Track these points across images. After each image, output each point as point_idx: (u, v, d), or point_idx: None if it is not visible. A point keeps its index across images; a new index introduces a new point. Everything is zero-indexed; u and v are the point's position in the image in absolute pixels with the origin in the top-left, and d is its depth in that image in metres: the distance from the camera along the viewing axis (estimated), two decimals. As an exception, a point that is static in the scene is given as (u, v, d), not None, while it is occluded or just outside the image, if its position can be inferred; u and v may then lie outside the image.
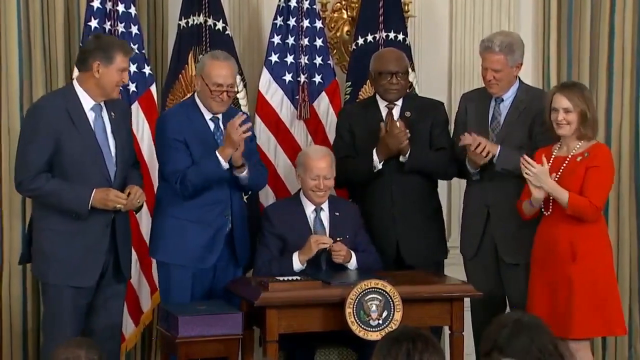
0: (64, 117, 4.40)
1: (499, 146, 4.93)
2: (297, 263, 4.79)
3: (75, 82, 4.53)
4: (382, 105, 5.20)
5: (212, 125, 4.85)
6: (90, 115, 4.47)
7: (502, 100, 5.08)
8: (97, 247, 4.46)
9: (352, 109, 5.41)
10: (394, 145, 5.00)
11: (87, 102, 4.47)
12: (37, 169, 4.39)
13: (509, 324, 3.01)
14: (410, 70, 5.39)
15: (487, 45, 5.00)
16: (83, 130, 4.42)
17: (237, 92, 5.00)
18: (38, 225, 4.49)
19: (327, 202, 4.95)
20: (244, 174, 4.78)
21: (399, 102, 5.18)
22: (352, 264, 4.86)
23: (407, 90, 5.30)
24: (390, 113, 5.16)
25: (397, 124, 4.99)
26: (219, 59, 4.82)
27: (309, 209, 4.93)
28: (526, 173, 4.59)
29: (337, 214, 4.94)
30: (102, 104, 4.50)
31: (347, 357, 4.80)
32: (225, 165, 4.69)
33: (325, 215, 4.94)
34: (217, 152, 4.67)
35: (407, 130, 4.97)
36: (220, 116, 4.83)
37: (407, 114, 5.14)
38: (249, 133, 4.68)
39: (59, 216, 4.41)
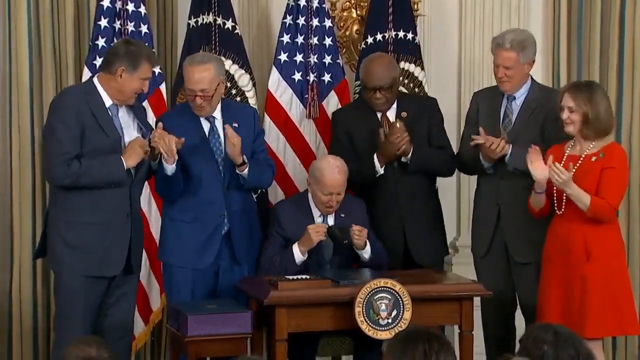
0: (87, 112, 4.44)
1: (511, 146, 4.93)
2: (297, 254, 4.78)
3: (95, 80, 4.56)
4: None
5: (206, 125, 4.83)
6: (111, 113, 4.51)
7: (514, 98, 5.07)
8: (121, 236, 4.49)
9: (345, 112, 5.34)
10: (392, 151, 5.00)
11: (107, 101, 4.51)
12: (70, 158, 4.39)
13: (548, 339, 3.01)
14: (420, 69, 5.36)
15: (498, 42, 5.00)
16: (106, 126, 4.47)
17: (212, 95, 4.78)
18: (62, 218, 4.47)
19: None
20: (244, 172, 4.78)
21: (394, 104, 5.17)
22: (367, 251, 4.85)
23: (416, 90, 5.28)
24: (384, 115, 5.14)
25: (398, 125, 4.97)
26: (193, 64, 4.77)
27: (317, 213, 4.93)
28: (556, 179, 4.56)
29: (343, 215, 4.92)
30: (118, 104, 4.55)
31: (349, 346, 4.82)
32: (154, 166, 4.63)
33: (331, 219, 4.92)
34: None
35: (406, 133, 4.96)
36: (218, 116, 4.81)
37: (403, 114, 5.12)
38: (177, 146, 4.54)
39: (84, 208, 4.43)
